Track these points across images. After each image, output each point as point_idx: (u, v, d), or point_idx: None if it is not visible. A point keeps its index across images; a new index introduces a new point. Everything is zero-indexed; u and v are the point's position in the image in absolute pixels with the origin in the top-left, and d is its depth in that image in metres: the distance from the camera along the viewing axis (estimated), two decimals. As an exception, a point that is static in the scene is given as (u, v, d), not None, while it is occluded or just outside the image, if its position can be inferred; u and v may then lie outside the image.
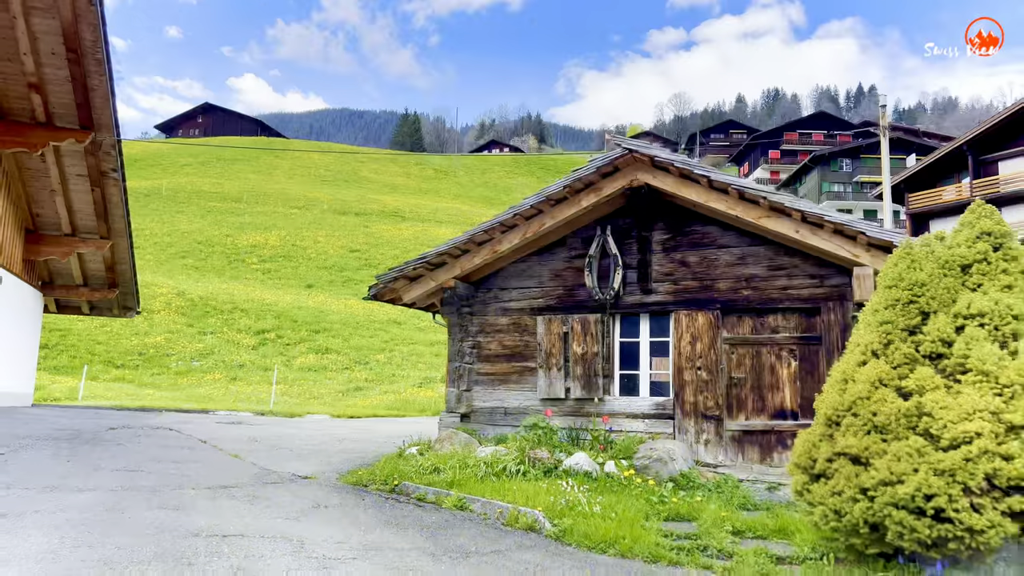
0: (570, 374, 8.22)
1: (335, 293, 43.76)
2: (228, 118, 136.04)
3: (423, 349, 33.76)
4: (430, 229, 63.62)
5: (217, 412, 18.46)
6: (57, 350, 26.90)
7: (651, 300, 8.06)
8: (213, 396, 23.20)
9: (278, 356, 30.40)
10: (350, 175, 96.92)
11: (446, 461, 7.12)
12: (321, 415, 19.20)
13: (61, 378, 24.00)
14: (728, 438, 7.59)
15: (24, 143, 13.24)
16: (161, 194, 64.83)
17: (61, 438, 9.18)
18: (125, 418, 13.92)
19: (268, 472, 7.90)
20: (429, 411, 21.34)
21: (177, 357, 27.97)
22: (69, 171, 14.68)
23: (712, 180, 7.23)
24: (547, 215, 8.07)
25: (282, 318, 34.48)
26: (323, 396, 25.26)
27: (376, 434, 12.97)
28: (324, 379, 28.20)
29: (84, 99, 12.98)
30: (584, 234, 8.47)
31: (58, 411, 14.68)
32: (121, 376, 25.48)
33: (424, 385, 27.83)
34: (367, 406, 22.69)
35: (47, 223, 15.95)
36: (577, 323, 8.24)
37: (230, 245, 50.43)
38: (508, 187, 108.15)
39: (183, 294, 34.75)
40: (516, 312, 8.61)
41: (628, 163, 7.67)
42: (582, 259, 8.43)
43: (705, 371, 7.73)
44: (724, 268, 7.83)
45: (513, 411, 8.48)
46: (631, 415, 7.94)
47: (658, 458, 6.94)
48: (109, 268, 17.43)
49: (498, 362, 8.63)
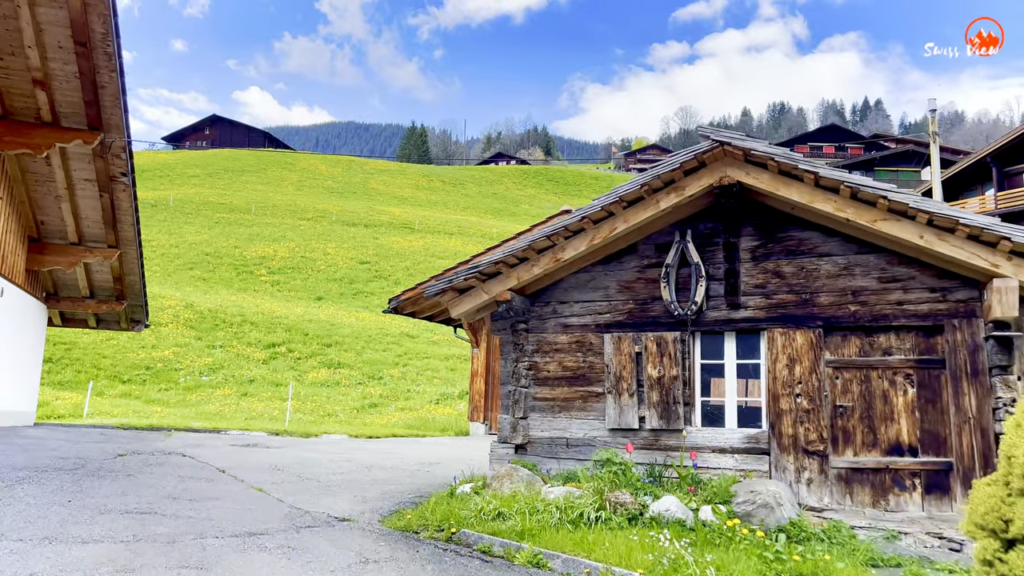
0: (644, 401, 7.18)
1: (345, 305, 42.82)
2: (236, 130, 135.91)
3: (437, 364, 32.75)
4: (440, 241, 62.75)
5: (229, 432, 17.42)
6: (61, 364, 25.94)
7: (739, 316, 7.02)
8: (224, 413, 22.18)
9: (289, 371, 29.40)
10: (358, 187, 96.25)
11: (510, 504, 6.08)
12: (338, 435, 18.16)
13: (65, 393, 23.02)
14: (834, 477, 6.53)
15: (28, 144, 12.31)
16: (168, 205, 64.14)
17: (64, 468, 8.17)
18: (133, 440, 12.91)
19: (300, 512, 6.87)
20: (451, 430, 20.28)
21: (185, 372, 26.97)
22: (76, 175, 13.74)
23: (820, 177, 6.22)
24: (619, 218, 7.05)
25: (292, 331, 33.51)
26: (337, 413, 24.22)
27: (405, 460, 11.93)
28: (338, 395, 27.18)
29: (93, 97, 12.05)
30: (658, 240, 7.45)
31: (61, 432, 13.67)
32: (128, 391, 24.49)
33: (441, 402, 26.78)
34: (385, 425, 21.64)
35: (52, 231, 15.01)
36: (652, 342, 7.20)
37: (238, 256, 49.60)
38: (517, 199, 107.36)
39: (191, 306, 33.82)
40: (578, 329, 7.58)
41: (717, 157, 6.67)
42: (656, 268, 7.40)
43: (805, 398, 6.68)
44: (826, 280, 6.79)
45: (577, 443, 7.43)
46: (718, 449, 6.88)
47: (763, 503, 5.89)
48: (117, 279, 16.47)
49: (558, 386, 7.59)
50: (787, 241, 6.99)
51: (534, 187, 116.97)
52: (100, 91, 12.01)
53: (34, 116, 12.43)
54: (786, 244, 6.99)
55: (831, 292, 6.75)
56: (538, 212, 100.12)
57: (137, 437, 14.12)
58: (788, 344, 6.80)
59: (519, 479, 6.66)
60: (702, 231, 7.28)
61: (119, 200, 14.26)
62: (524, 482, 6.64)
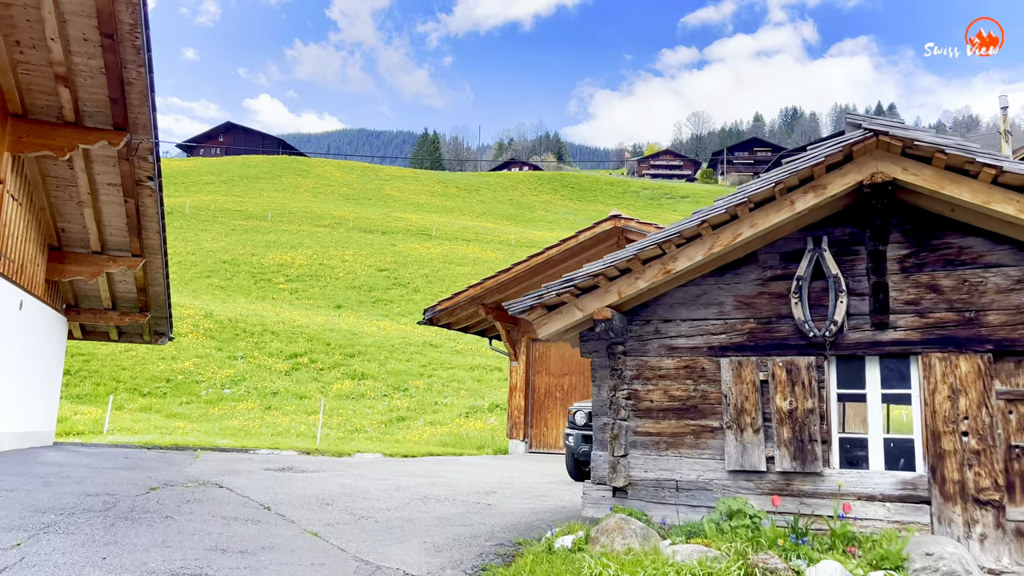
0: (772, 437, 6.11)
1: (366, 314, 41.93)
2: (249, 137, 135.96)
3: (463, 374, 31.74)
4: (458, 247, 61.85)
5: (259, 451, 16.45)
6: (80, 376, 25.10)
7: (887, 338, 5.95)
8: (249, 429, 21.23)
9: (312, 382, 28.47)
10: (374, 193, 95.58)
11: (632, 570, 5.03)
12: (372, 453, 17.15)
13: (84, 408, 22.15)
14: (1012, 532, 5.44)
15: (50, 146, 11.41)
16: (184, 212, 63.58)
17: (93, 509, 7.19)
18: (160, 464, 11.95)
19: (369, 568, 5.85)
20: (487, 448, 19.23)
21: (207, 384, 26.07)
22: (99, 179, 12.83)
23: (1003, 171, 5.15)
24: (743, 222, 6.00)
25: (314, 341, 32.60)
26: (366, 428, 23.23)
27: (457, 488, 10.89)
28: (364, 408, 26.20)
29: (119, 94, 11.14)
30: (785, 248, 6.39)
31: (83, 456, 12.73)
32: (148, 405, 23.60)
33: (471, 415, 25.74)
34: (417, 442, 20.62)
35: (73, 239, 14.11)
36: (780, 368, 6.14)
37: (256, 264, 48.85)
38: (532, 205, 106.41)
39: (211, 315, 32.98)
40: (687, 352, 6.52)
41: (867, 150, 5.61)
42: (782, 281, 6.34)
43: (974, 437, 5.60)
44: (995, 295, 5.72)
45: (689, 486, 6.36)
46: (865, 496, 5.81)
47: (949, 571, 4.81)
48: (141, 290, 15.55)
49: (664, 418, 6.53)
50: (944, 249, 5.91)
51: (549, 193, 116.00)
52: (127, 88, 11.10)
53: (56, 115, 11.54)
54: (943, 253, 5.91)
55: (1002, 310, 5.67)
56: (554, 218, 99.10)
57: (163, 459, 13.15)
58: (949, 371, 5.72)
59: (632, 533, 5.61)
60: (838, 237, 6.22)
61: (144, 206, 13.34)
62: (638, 536, 5.58)
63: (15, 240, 12.11)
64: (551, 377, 18.35)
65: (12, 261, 12.02)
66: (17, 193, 12.06)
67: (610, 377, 6.63)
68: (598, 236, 16.16)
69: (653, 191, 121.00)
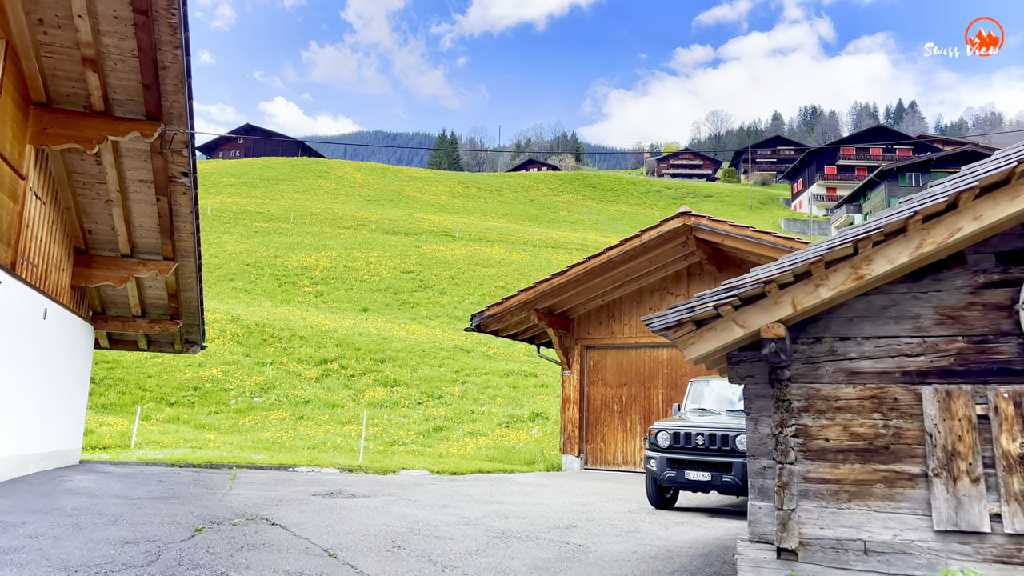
0: (998, 489, 4.77)
1: (393, 317, 40.82)
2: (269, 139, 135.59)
3: (497, 380, 30.48)
4: (483, 248, 60.70)
5: (298, 469, 15.28)
6: (105, 385, 24.09)
7: None
8: (283, 441, 20.09)
9: (344, 389, 27.33)
10: (395, 194, 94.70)
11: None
12: (418, 470, 15.93)
13: (110, 419, 21.11)
14: None
15: (77, 138, 10.26)
16: (206, 214, 62.84)
17: (133, 564, 5.99)
18: (197, 489, 10.79)
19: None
20: (539, 464, 17.94)
21: (236, 392, 24.98)
22: (129, 176, 11.69)
23: None
24: (965, 215, 4.68)
25: (344, 346, 31.48)
26: (403, 439, 22.03)
27: (531, 521, 9.60)
28: (398, 416, 25.02)
29: (153, 80, 9.96)
30: (1004, 246, 5.05)
31: (114, 478, 11.60)
32: (175, 415, 22.53)
33: (510, 425, 24.47)
34: (462, 456, 19.38)
35: (101, 241, 12.99)
36: (1006, 400, 4.80)
37: (280, 267, 47.92)
38: (554, 205, 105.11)
39: (238, 320, 31.96)
40: (873, 378, 5.20)
41: None
42: (1003, 288, 5.00)
43: None
44: None
45: (881, 548, 5.03)
46: None
47: None
48: (172, 296, 14.43)
49: (844, 462, 5.21)
50: None
51: (571, 193, 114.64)
52: (161, 73, 9.92)
53: (83, 104, 10.39)
54: None
55: None
56: (577, 219, 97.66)
57: (199, 482, 11.99)
58: None
59: (834, 617, 4.29)
60: (1078, 233, 4.88)
61: (178, 204, 12.18)
62: (844, 623, 4.26)
63: (39, 243, 11.00)
64: (607, 388, 17.03)
65: (36, 266, 10.90)
66: (41, 191, 10.94)
67: (774, 410, 5.32)
68: (664, 235, 14.85)
69: (676, 190, 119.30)
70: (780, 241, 13.61)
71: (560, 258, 60.23)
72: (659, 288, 16.64)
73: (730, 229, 14.11)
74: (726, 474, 10.21)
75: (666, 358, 16.38)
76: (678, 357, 16.26)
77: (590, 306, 17.26)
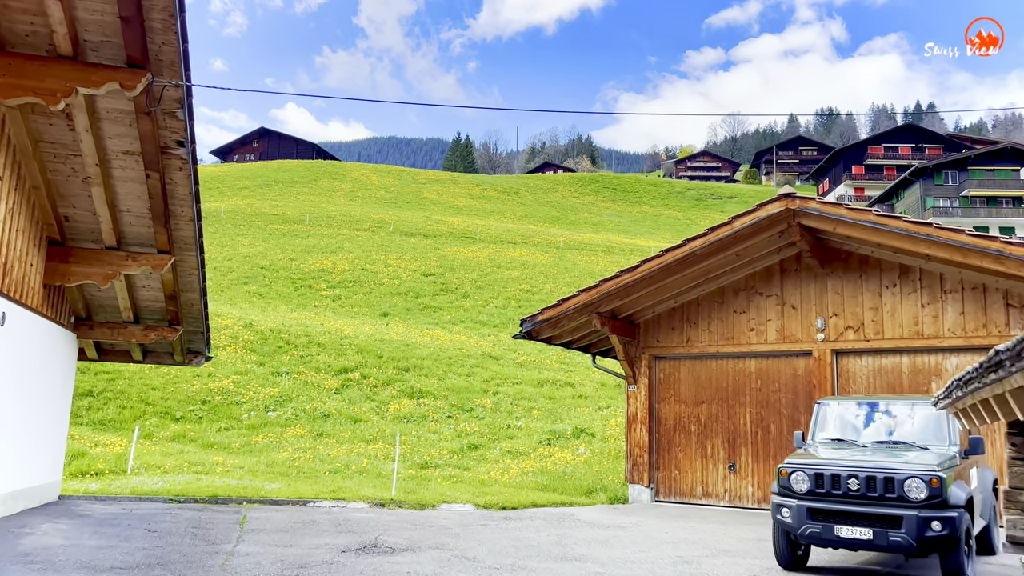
0: None
1: (415, 322, 38.39)
2: (283, 142, 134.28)
3: (531, 391, 27.93)
4: (504, 251, 58.23)
5: (320, 504, 12.82)
6: (103, 398, 21.79)
7: None
8: (300, 464, 17.65)
9: (366, 401, 24.89)
10: (411, 196, 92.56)
11: None
12: (461, 504, 13.43)
13: (107, 437, 18.77)
14: None
15: (36, 89, 7.83)
16: (219, 217, 60.88)
17: None
18: (195, 542, 8.36)
19: None
20: (600, 494, 15.37)
21: (249, 406, 22.59)
22: (111, 146, 9.26)
23: None
24: None
25: (365, 354, 29.07)
26: (436, 460, 19.53)
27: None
28: (427, 432, 22.53)
29: (135, 11, 7.53)
30: None
31: (90, 526, 9.21)
32: (181, 432, 20.17)
33: (552, 443, 21.92)
34: (507, 483, 16.85)
35: (80, 230, 10.59)
36: None
37: (295, 269, 45.68)
38: (574, 207, 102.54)
39: (251, 325, 29.63)
40: None
41: None
42: None
43: None
44: None
45: None
46: None
47: None
48: (170, 297, 12.02)
49: None
50: None
51: (591, 195, 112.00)
52: (144, 3, 7.50)
53: (46, 47, 7.97)
54: None
55: None
56: (598, 220, 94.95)
57: (199, 529, 9.55)
58: None
59: None
60: None
61: (173, 183, 9.74)
62: None
63: (-7, 228, 8.62)
64: (682, 405, 14.45)
65: (-12, 258, 8.52)
66: (-5, 162, 8.56)
67: None
68: (760, 223, 12.28)
69: (698, 191, 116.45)
70: (913, 227, 11.01)
71: (585, 259, 57.70)
72: (745, 287, 14.05)
73: (847, 213, 11.53)
74: (894, 531, 7.63)
75: (755, 370, 13.79)
76: (770, 369, 13.69)
77: (660, 309, 14.71)
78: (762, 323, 13.79)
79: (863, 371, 12.95)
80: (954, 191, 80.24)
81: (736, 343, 13.95)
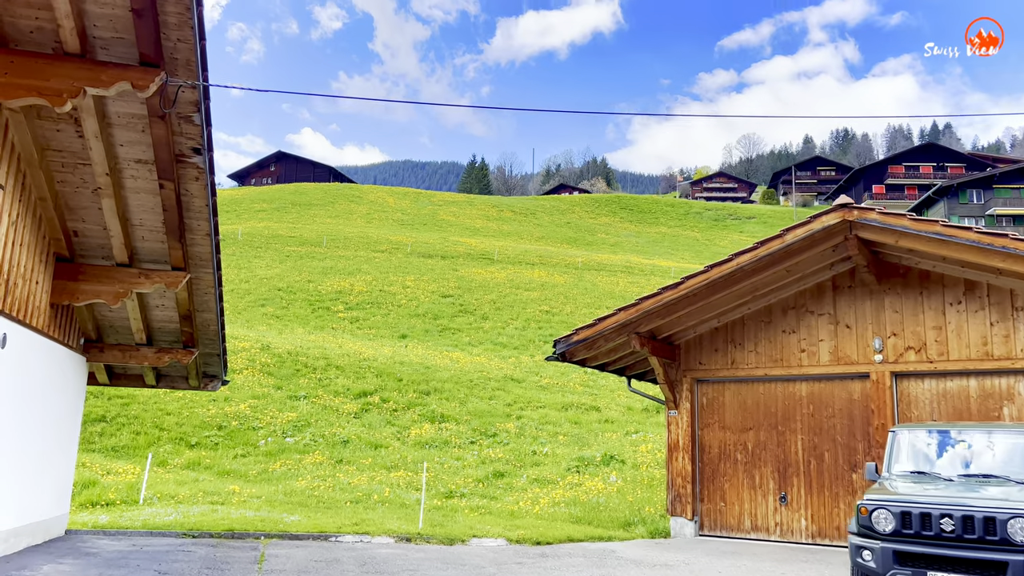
0: None
1: (434, 344, 37.61)
2: (300, 165, 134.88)
3: (556, 415, 26.96)
4: (523, 271, 57.50)
5: (342, 538, 11.96)
6: (117, 424, 21.12)
7: None
8: (320, 494, 16.81)
9: (387, 426, 24.05)
10: (428, 218, 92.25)
11: None
12: (492, 538, 12.53)
13: (119, 465, 18.05)
14: None
15: (41, 90, 7.19)
16: (236, 239, 60.66)
17: None
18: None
19: None
20: (638, 527, 14.38)
21: (266, 431, 21.83)
22: (123, 153, 8.61)
23: None
24: None
25: (384, 376, 28.28)
26: (461, 489, 18.62)
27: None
28: (451, 458, 21.64)
29: (148, 5, 6.90)
30: None
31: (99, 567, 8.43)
32: (196, 459, 19.41)
33: (581, 470, 20.92)
34: (538, 514, 15.90)
35: (90, 246, 9.93)
36: None
37: (313, 291, 45.14)
38: (592, 228, 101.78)
39: (268, 348, 28.96)
40: None
41: None
42: None
43: None
44: None
45: None
46: None
47: None
48: (185, 317, 11.32)
49: None
50: None
51: (608, 216, 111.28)
52: (159, -3, 6.86)
53: (52, 44, 7.35)
54: None
55: None
56: (616, 241, 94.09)
57: (215, 567, 8.74)
58: None
59: None
60: None
61: (188, 195, 9.07)
62: None
63: (-5, 242, 7.96)
64: (727, 432, 13.51)
65: (-11, 274, 7.85)
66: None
67: None
68: (815, 235, 11.43)
69: (717, 212, 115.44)
70: (987, 239, 10.12)
71: (605, 280, 56.82)
72: (794, 305, 13.16)
73: (911, 224, 10.65)
74: (1000, 579, 6.68)
75: (806, 394, 12.85)
76: (823, 393, 12.74)
77: (701, 329, 13.84)
78: (813, 343, 12.87)
79: (926, 395, 11.98)
80: (979, 210, 78.80)
81: (785, 365, 13.03)
